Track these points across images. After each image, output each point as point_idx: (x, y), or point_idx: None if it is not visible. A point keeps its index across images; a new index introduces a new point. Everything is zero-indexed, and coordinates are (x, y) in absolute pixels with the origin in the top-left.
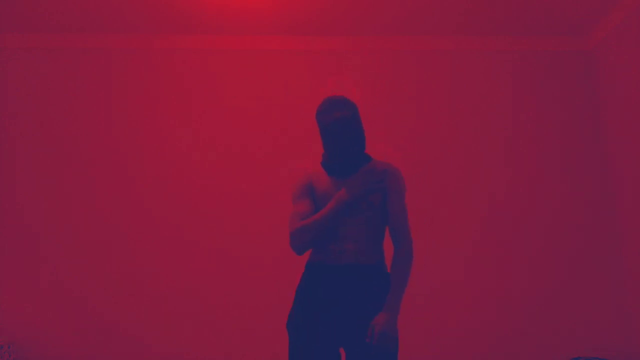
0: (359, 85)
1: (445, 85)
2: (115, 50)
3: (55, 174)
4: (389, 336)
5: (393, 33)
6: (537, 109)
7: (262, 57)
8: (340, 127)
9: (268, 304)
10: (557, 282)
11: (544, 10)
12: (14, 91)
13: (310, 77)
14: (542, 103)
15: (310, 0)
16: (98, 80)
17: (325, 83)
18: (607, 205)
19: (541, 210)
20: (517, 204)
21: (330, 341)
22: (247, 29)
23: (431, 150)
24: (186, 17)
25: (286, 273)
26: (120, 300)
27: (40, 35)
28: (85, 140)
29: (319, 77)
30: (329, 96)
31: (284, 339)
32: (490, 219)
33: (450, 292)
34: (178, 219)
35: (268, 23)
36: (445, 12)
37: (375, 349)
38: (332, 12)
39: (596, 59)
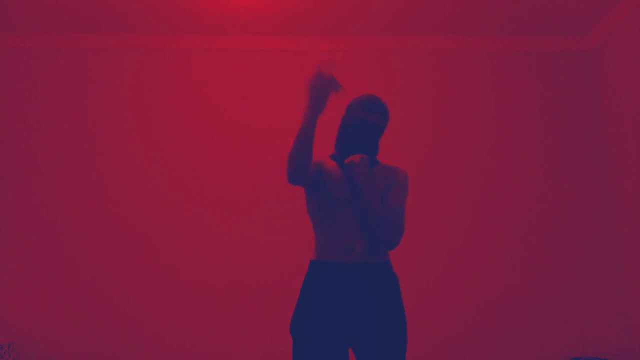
0: (367, 84)
1: (445, 85)
2: (118, 50)
3: (58, 173)
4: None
5: (392, 33)
6: (537, 109)
7: (263, 57)
8: (369, 130)
9: (282, 302)
10: (557, 282)
11: (544, 10)
12: (23, 90)
13: (303, 76)
14: (542, 103)
15: (308, 1)
16: (101, 79)
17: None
18: (607, 204)
19: (541, 210)
20: (517, 204)
21: (340, 345)
22: (250, 28)
23: (432, 150)
24: (191, 16)
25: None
26: (121, 300)
27: (44, 36)
28: (92, 136)
29: (310, 76)
30: (374, 95)
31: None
32: (491, 218)
33: (450, 292)
34: (182, 217)
35: (268, 23)
36: (445, 12)
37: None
38: (329, 12)
39: (596, 59)
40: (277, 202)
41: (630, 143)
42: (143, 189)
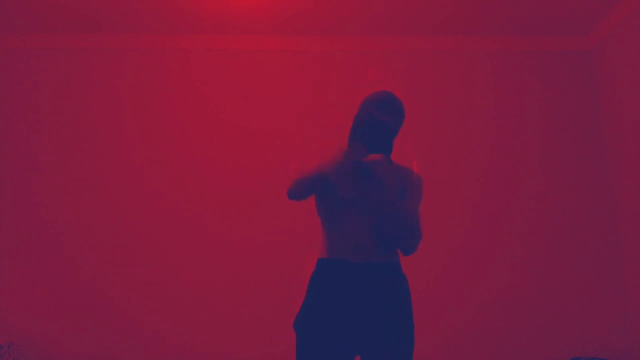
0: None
1: (445, 85)
2: (118, 50)
3: (58, 173)
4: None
5: (392, 33)
6: (537, 109)
7: (263, 57)
8: (381, 130)
9: (283, 301)
10: (557, 282)
11: (544, 10)
12: (23, 90)
13: (303, 76)
14: (542, 103)
15: (308, 1)
16: (101, 79)
17: (317, 82)
18: (607, 204)
19: (541, 210)
20: (517, 204)
21: (345, 346)
22: (250, 28)
23: (432, 150)
24: (191, 16)
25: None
26: (121, 300)
27: (44, 36)
28: (92, 136)
29: (310, 76)
30: (388, 92)
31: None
32: (491, 218)
33: (450, 292)
34: (182, 217)
35: (268, 23)
36: (445, 12)
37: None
38: (329, 12)
39: (596, 59)
40: (277, 202)
41: (630, 143)
42: (143, 189)
